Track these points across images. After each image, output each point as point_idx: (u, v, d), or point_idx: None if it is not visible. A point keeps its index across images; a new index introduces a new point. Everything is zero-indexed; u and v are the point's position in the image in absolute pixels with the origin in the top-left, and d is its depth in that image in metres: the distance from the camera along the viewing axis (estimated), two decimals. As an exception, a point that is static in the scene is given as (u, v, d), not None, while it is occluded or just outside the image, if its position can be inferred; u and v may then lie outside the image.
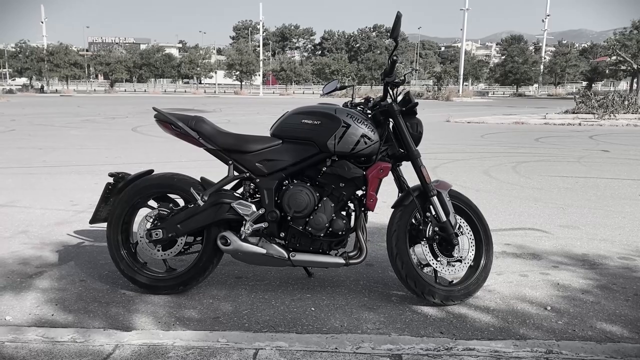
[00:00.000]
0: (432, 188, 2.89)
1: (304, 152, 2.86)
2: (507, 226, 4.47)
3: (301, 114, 2.89)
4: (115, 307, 2.80)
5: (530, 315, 2.77)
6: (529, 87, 66.28)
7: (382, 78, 2.92)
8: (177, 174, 3.01)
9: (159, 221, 2.95)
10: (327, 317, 2.71)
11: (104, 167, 7.51)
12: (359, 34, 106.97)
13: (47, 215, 4.72)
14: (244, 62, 59.95)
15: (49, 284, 3.11)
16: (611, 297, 3.03)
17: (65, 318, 2.65)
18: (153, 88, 65.63)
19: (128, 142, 10.86)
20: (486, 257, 2.99)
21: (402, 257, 2.82)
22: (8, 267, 3.39)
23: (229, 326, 2.57)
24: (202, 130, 2.92)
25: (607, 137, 12.73)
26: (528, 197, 5.68)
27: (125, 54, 65.11)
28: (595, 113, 19.02)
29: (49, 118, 17.83)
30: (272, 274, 3.31)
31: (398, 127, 2.89)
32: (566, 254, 3.79)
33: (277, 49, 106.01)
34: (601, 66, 56.03)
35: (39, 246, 3.83)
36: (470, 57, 70.05)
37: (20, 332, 2.36)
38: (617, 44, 32.25)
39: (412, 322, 2.68)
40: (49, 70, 56.68)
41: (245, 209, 2.84)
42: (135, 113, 20.85)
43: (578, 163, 8.38)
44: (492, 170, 7.50)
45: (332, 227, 2.84)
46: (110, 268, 3.31)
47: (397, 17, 2.72)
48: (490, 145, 10.94)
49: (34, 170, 7.17)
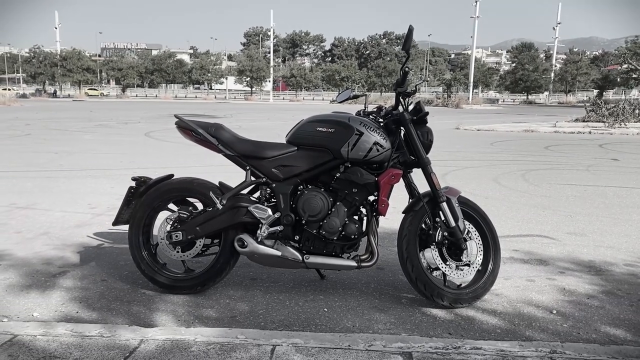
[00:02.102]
0: (442, 194, 2.99)
1: (318, 158, 2.97)
2: (515, 233, 4.56)
3: (316, 122, 3.01)
4: (137, 306, 2.92)
5: (536, 318, 2.86)
6: (540, 94, 66.15)
7: (394, 88, 3.03)
8: (197, 179, 3.14)
9: (179, 224, 3.07)
10: (339, 318, 2.82)
11: (119, 171, 7.67)
12: (369, 40, 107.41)
13: (66, 217, 4.87)
14: (254, 68, 60.43)
15: (72, 283, 3.24)
16: (616, 302, 3.11)
17: (90, 315, 2.77)
18: (164, 93, 66.25)
19: (141, 147, 11.05)
20: (494, 261, 3.09)
21: (413, 261, 2.93)
22: (32, 266, 3.53)
23: (246, 325, 2.69)
24: (221, 137, 3.04)
25: (617, 146, 12.74)
26: (536, 205, 5.75)
27: (137, 60, 65.87)
28: (605, 121, 19.01)
29: (62, 123, 18.11)
30: (286, 276, 3.42)
31: (409, 135, 3.00)
32: (573, 261, 3.87)
33: (287, 56, 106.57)
34: (612, 74, 55.84)
35: (60, 247, 3.97)
36: (480, 64, 70.01)
37: (50, 327, 2.49)
38: (628, 53, 32.14)
39: (422, 323, 2.78)
40: (61, 76, 57.45)
41: (261, 212, 2.96)
42: (148, 118, 21.11)
43: (587, 171, 8.44)
44: (501, 177, 7.58)
45: (345, 231, 2.95)
46: (130, 269, 3.45)
47: (410, 30, 2.84)
48: (500, 153, 11.01)
49: (52, 174, 7.34)
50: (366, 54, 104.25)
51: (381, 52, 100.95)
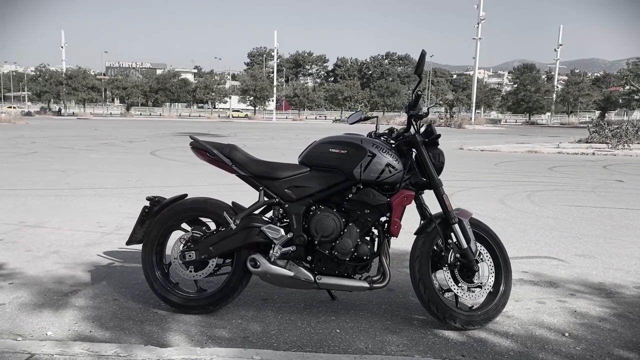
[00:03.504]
0: (454, 216, 3.01)
1: (331, 179, 3.00)
2: (523, 254, 4.57)
3: (328, 143, 3.04)
4: (149, 325, 2.93)
5: (549, 341, 2.86)
6: (542, 115, 66.39)
7: (406, 110, 3.07)
8: (210, 199, 3.17)
9: (192, 243, 3.09)
10: (352, 339, 2.82)
11: (126, 190, 7.71)
12: (372, 61, 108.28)
13: (76, 236, 4.89)
14: (257, 87, 60.87)
15: (84, 302, 3.25)
16: (628, 325, 3.10)
17: (103, 334, 2.78)
18: (168, 112, 66.71)
19: (147, 166, 11.10)
20: (505, 283, 3.09)
21: (425, 282, 2.94)
22: (44, 285, 3.55)
23: (259, 345, 2.69)
24: (235, 157, 3.08)
25: (621, 167, 12.77)
26: (543, 226, 5.76)
27: (142, 79, 66.43)
28: (609, 143, 19.08)
29: (68, 141, 18.23)
30: (297, 297, 3.43)
31: (421, 157, 3.03)
32: (583, 283, 3.87)
33: (290, 75, 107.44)
34: (614, 96, 56.08)
35: (71, 266, 3.99)
36: (482, 85, 70.46)
37: (67, 346, 2.50)
38: (630, 74, 32.35)
39: (435, 345, 2.78)
40: (66, 94, 57.95)
41: (274, 232, 2.99)
42: (152, 137, 21.25)
43: (592, 193, 8.45)
44: (507, 198, 7.59)
45: (357, 251, 2.97)
46: (141, 288, 3.46)
47: (422, 55, 2.89)
48: (505, 174, 11.04)
49: (59, 192, 7.38)
50: (369, 74, 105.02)
51: (383, 72, 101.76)
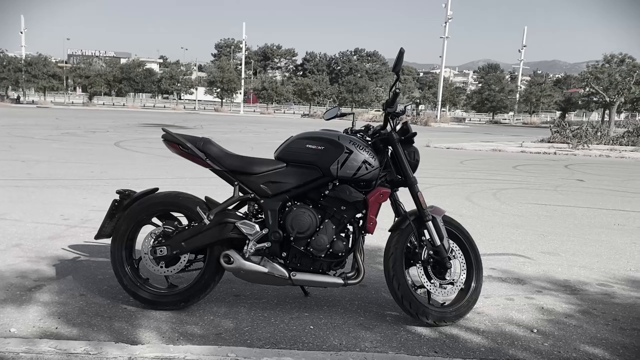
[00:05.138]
0: (428, 213, 3.04)
1: (307, 175, 2.98)
2: (491, 251, 4.65)
3: (305, 139, 3.02)
4: (118, 322, 2.86)
5: (518, 337, 2.92)
6: (505, 114, 67.80)
7: (383, 108, 3.07)
8: (182, 193, 3.10)
9: (163, 238, 3.03)
10: (326, 335, 2.82)
11: (90, 182, 7.51)
12: (340, 56, 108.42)
13: (39, 229, 4.73)
14: (225, 79, 60.12)
15: (49, 298, 3.15)
16: (592, 321, 3.20)
17: (70, 331, 2.70)
18: (132, 102, 65.27)
19: (112, 157, 10.84)
20: (476, 280, 3.14)
21: (399, 279, 2.95)
22: (6, 279, 3.42)
23: (232, 342, 2.66)
24: (209, 151, 3.02)
25: (582, 167, 13.16)
26: (509, 224, 5.88)
27: (105, 68, 64.73)
28: (569, 143, 19.64)
29: (27, 130, 17.63)
30: (270, 293, 3.40)
31: (397, 155, 3.04)
32: (549, 280, 3.97)
33: (258, 68, 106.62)
34: (574, 97, 57.70)
35: (34, 260, 3.85)
36: (448, 83, 71.44)
37: (33, 344, 2.41)
38: (590, 77, 33.36)
39: (407, 341, 2.80)
40: (26, 81, 55.97)
41: (249, 228, 2.95)
42: (116, 127, 20.76)
43: (555, 191, 8.68)
44: (473, 196, 7.72)
45: (332, 248, 2.96)
46: (109, 283, 3.38)
47: (400, 52, 2.89)
48: (470, 172, 11.22)
49: (20, 183, 7.13)
50: (337, 69, 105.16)
51: (352, 68, 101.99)
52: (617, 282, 3.97)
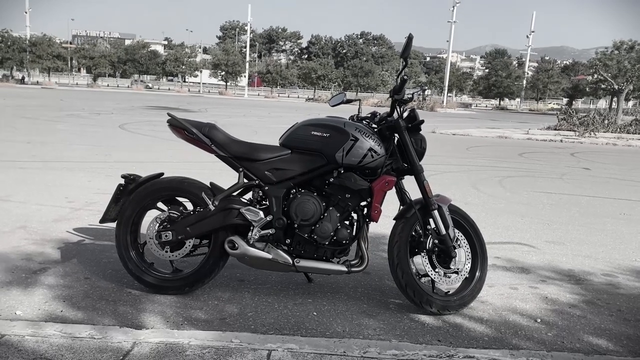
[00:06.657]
0: (434, 202, 3.02)
1: (312, 162, 2.96)
2: (496, 240, 4.64)
3: (311, 125, 3.00)
4: (123, 306, 2.87)
5: (522, 327, 2.92)
6: (512, 101, 67.41)
7: (390, 95, 3.04)
8: (188, 178, 3.09)
9: (168, 223, 3.02)
10: (329, 322, 2.82)
11: (95, 164, 7.52)
12: (346, 40, 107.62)
13: (43, 211, 4.75)
14: (230, 62, 59.88)
15: (54, 281, 3.16)
16: (596, 311, 3.19)
17: (75, 315, 2.71)
18: (136, 84, 65.11)
19: (116, 140, 10.84)
20: (481, 269, 3.13)
21: (403, 267, 2.95)
22: (12, 262, 3.43)
23: (236, 327, 2.67)
24: (214, 137, 3.01)
25: (588, 155, 13.08)
26: (515, 212, 5.86)
27: (110, 49, 64.54)
28: (576, 130, 19.50)
29: (32, 111, 17.64)
30: (274, 278, 3.41)
31: (403, 142, 3.01)
32: (553, 269, 3.96)
33: (263, 51, 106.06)
34: (582, 84, 57.20)
35: (39, 242, 3.87)
36: (454, 68, 70.94)
37: (39, 327, 2.42)
38: (599, 64, 32.98)
39: (411, 329, 2.81)
40: (30, 62, 55.87)
41: (253, 215, 2.94)
42: (120, 109, 20.73)
43: (561, 180, 8.64)
44: (479, 183, 7.69)
45: (336, 235, 2.95)
46: (114, 267, 3.39)
47: (409, 38, 2.85)
48: (476, 159, 11.18)
49: (25, 165, 7.14)
50: (343, 53, 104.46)
51: (358, 51, 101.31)
52: (622, 273, 3.96)
